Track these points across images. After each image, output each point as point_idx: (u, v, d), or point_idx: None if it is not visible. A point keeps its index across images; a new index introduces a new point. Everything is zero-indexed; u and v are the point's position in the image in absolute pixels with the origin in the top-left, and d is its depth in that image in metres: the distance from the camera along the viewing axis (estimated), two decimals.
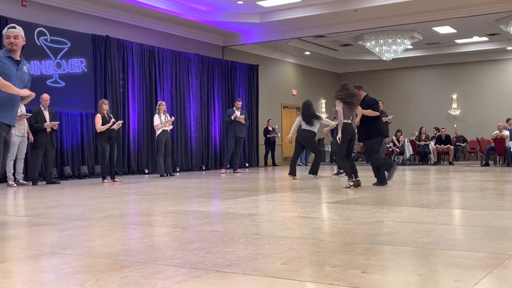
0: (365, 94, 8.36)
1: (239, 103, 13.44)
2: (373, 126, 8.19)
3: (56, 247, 3.52)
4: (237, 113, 13.17)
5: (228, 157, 13.36)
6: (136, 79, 13.78)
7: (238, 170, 13.72)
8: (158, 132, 12.16)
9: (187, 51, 15.37)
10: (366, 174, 9.95)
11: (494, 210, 5.12)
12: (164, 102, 12.52)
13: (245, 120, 13.29)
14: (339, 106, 7.90)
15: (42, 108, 10.17)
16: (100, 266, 2.86)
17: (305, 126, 10.40)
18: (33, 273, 2.82)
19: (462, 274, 2.57)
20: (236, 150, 13.36)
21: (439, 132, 17.87)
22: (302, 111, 10.54)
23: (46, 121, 10.10)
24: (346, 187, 7.81)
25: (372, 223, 4.25)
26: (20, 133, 9.74)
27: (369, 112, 8.10)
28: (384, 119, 10.50)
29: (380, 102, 10.25)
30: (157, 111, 12.27)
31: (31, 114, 9.93)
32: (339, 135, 7.92)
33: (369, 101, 8.23)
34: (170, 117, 12.43)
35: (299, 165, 17.79)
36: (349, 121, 8.00)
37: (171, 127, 12.50)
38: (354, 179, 7.86)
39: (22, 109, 9.40)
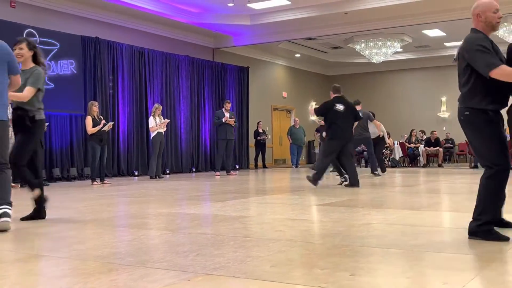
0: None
1: (228, 105, 13.34)
2: None
3: (44, 250, 3.50)
4: (227, 115, 13.13)
5: (220, 160, 13.27)
6: (126, 81, 13.73)
7: (232, 172, 13.70)
8: (153, 134, 12.16)
9: (177, 53, 15.34)
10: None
11: None
12: (160, 106, 12.53)
13: (234, 121, 13.28)
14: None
15: None
16: (88, 269, 2.85)
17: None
18: (21, 276, 2.80)
19: (450, 276, 2.59)
20: (228, 152, 13.29)
21: (431, 134, 17.94)
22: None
23: None
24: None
25: (361, 226, 4.26)
26: None
27: None
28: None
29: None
30: (152, 114, 12.27)
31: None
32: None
33: None
34: (164, 119, 12.44)
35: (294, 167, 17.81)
36: None
37: (165, 129, 12.49)
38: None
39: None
